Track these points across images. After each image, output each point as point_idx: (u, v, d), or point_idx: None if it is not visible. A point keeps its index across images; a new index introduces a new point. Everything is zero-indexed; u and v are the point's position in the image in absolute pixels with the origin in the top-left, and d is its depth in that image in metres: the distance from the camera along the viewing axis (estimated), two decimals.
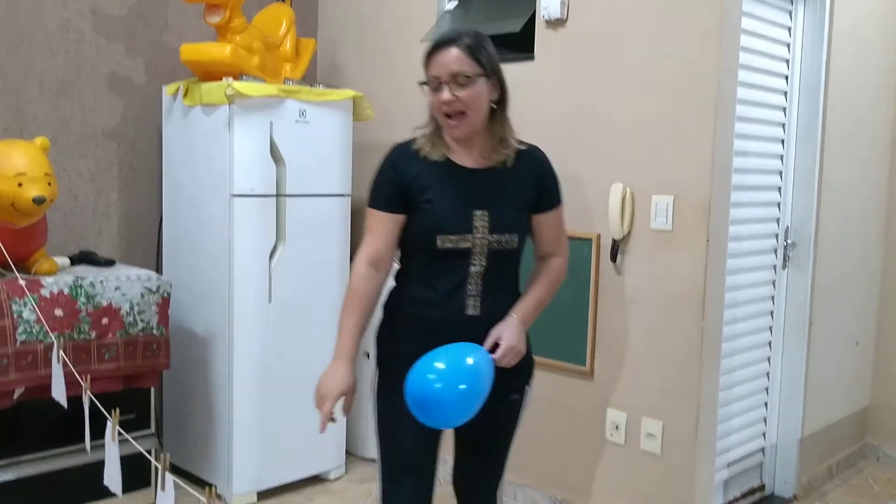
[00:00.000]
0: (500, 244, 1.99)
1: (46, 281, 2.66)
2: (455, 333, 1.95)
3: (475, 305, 1.99)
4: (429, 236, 1.96)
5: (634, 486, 2.96)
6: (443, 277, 1.99)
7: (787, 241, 3.35)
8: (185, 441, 3.40)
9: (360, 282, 1.97)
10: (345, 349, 1.92)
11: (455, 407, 1.85)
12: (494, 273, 2.00)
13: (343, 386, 1.88)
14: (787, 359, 3.39)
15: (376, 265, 1.98)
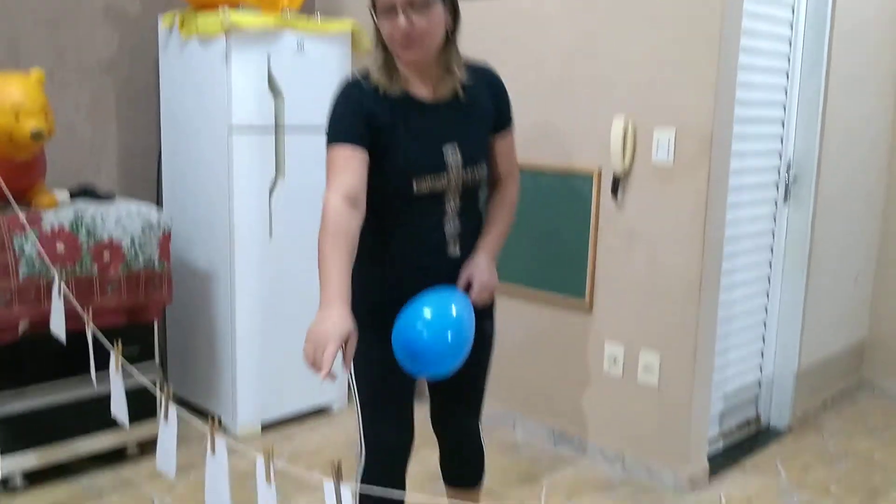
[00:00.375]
0: (471, 177, 1.93)
1: (47, 215, 2.66)
2: (437, 276, 1.92)
3: (455, 245, 1.96)
4: (403, 181, 1.86)
5: (631, 417, 3.00)
6: (420, 221, 1.91)
7: (789, 175, 3.33)
8: (189, 374, 3.44)
9: (339, 218, 1.74)
10: (336, 292, 1.67)
11: (446, 357, 1.83)
12: (468, 208, 1.97)
13: (344, 330, 1.62)
14: (785, 293, 3.41)
15: (354, 201, 1.76)
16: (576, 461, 3.13)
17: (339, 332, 1.60)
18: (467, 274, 1.98)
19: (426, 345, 1.79)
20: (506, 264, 3.29)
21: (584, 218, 3.02)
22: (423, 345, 1.79)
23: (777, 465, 3.16)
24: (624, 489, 2.92)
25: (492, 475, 3.00)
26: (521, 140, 3.17)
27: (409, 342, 1.80)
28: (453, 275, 1.96)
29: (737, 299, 3.20)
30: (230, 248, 3.14)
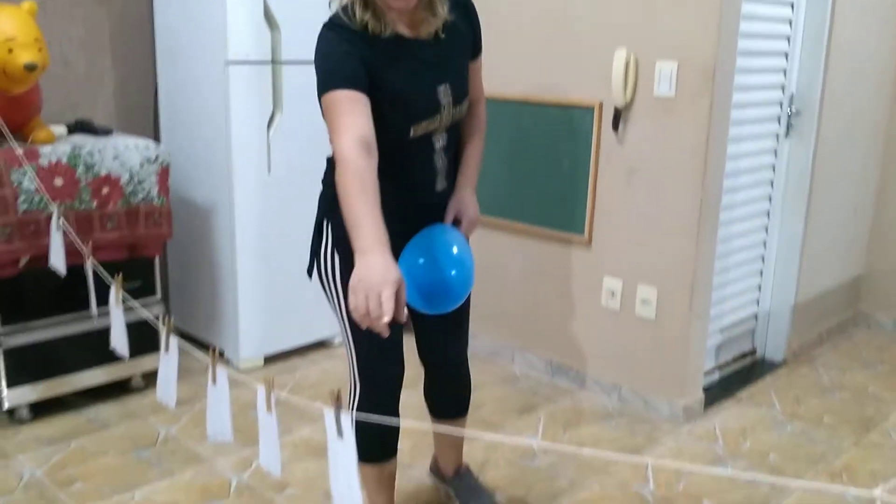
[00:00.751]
0: (459, 113, 1.92)
1: (44, 150, 2.64)
2: (427, 209, 1.95)
3: (443, 178, 1.96)
4: (399, 128, 1.81)
5: (628, 350, 3.04)
6: (411, 161, 1.88)
7: (791, 108, 3.31)
8: (192, 309, 3.47)
9: (361, 163, 1.62)
10: (374, 238, 1.55)
11: (458, 294, 1.88)
12: (452, 141, 1.97)
13: (394, 275, 1.50)
14: (784, 227, 3.41)
15: (368, 147, 1.65)
16: (573, 393, 3.18)
17: (390, 278, 1.49)
18: (454, 209, 2.00)
19: (441, 285, 1.82)
20: (506, 202, 3.30)
21: (585, 152, 3.01)
22: (438, 285, 1.82)
23: (772, 396, 3.22)
24: (620, 420, 2.98)
25: (490, 406, 3.06)
26: (523, 73, 3.15)
27: (422, 284, 1.80)
28: (440, 207, 1.98)
29: (735, 234, 3.21)
30: (229, 183, 3.13)
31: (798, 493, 2.51)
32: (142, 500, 2.37)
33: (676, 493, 2.50)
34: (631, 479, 2.57)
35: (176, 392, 1.74)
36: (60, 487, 2.42)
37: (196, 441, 2.71)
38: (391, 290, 1.48)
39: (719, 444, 2.82)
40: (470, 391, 2.32)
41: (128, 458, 2.60)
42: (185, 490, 2.43)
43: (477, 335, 3.54)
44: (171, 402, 1.75)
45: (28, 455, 2.60)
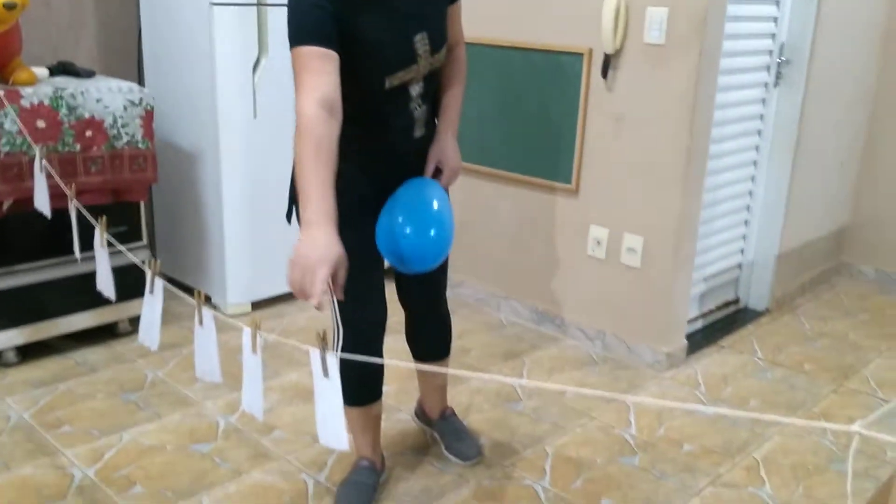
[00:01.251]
0: (437, 62, 1.87)
1: (25, 91, 2.60)
2: (404, 157, 1.94)
3: (421, 126, 1.94)
4: (374, 79, 1.77)
5: (613, 298, 3.07)
6: (388, 110, 1.86)
7: (781, 57, 3.29)
8: (179, 255, 3.47)
9: (318, 126, 1.58)
10: (321, 211, 1.53)
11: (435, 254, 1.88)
12: (430, 89, 1.93)
13: (334, 254, 1.49)
14: (771, 177, 3.42)
15: (330, 108, 1.61)
16: (557, 340, 3.21)
17: (328, 257, 1.48)
18: (435, 157, 1.98)
19: (415, 246, 1.83)
20: (493, 150, 3.29)
21: (573, 100, 2.99)
22: (412, 246, 1.82)
23: (753, 344, 3.26)
24: (603, 366, 3.01)
25: (476, 353, 3.09)
26: (512, 19, 3.11)
27: (398, 245, 1.82)
28: (419, 154, 1.97)
29: (722, 183, 3.21)
30: (215, 128, 3.10)
31: (777, 438, 2.56)
32: (129, 442, 2.39)
33: (658, 436, 2.55)
34: (613, 423, 2.61)
35: (159, 335, 1.75)
36: (48, 430, 2.44)
37: (184, 385, 2.73)
38: (326, 270, 1.46)
39: (701, 389, 2.87)
40: (450, 333, 2.35)
41: (115, 402, 2.62)
42: (173, 432, 2.46)
43: (463, 283, 3.56)
44: (154, 344, 1.75)
45: (15, 398, 2.61)
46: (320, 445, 2.38)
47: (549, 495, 2.23)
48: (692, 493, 2.27)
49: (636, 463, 2.40)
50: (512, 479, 2.30)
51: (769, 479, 2.35)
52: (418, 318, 2.27)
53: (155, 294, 1.68)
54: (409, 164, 1.96)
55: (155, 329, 1.72)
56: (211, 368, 1.57)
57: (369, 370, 1.95)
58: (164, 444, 2.39)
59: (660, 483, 2.31)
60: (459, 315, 3.41)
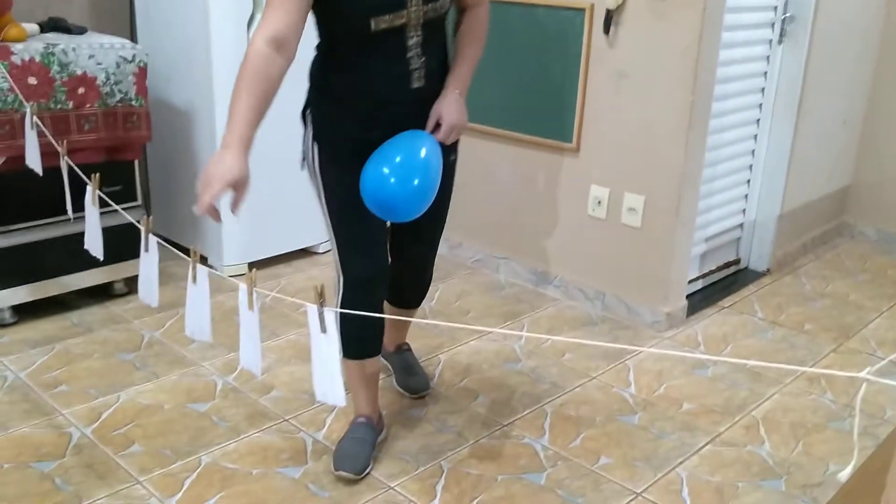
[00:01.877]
0: (434, 11, 1.84)
1: (16, 48, 2.55)
2: (401, 108, 1.91)
3: (419, 77, 1.90)
4: (361, 20, 1.77)
5: (613, 258, 3.04)
6: (381, 56, 1.84)
7: (786, 14, 3.23)
8: (174, 215, 3.43)
9: (259, 61, 1.66)
10: (237, 135, 1.63)
11: (413, 204, 1.85)
12: (431, 40, 1.89)
13: (234, 175, 1.60)
14: (773, 136, 3.38)
15: (278, 46, 1.67)
16: (557, 301, 3.20)
17: (227, 177, 1.59)
18: (436, 113, 1.94)
19: (393, 193, 1.80)
20: (492, 109, 3.24)
21: (574, 57, 2.94)
22: (391, 193, 1.80)
23: (754, 304, 3.25)
24: (603, 326, 3.00)
25: (475, 313, 3.08)
26: None
27: (377, 191, 1.80)
28: (419, 107, 1.93)
29: (724, 142, 3.17)
30: (209, 85, 3.05)
31: (777, 397, 2.56)
32: (127, 402, 2.38)
33: (657, 396, 2.54)
34: (612, 382, 2.61)
35: (157, 292, 1.73)
36: (45, 389, 2.43)
37: (181, 345, 2.72)
38: (218, 187, 1.58)
39: (701, 349, 2.86)
40: (427, 289, 2.36)
41: (112, 361, 2.61)
42: (171, 392, 2.45)
43: (462, 243, 3.53)
44: (153, 301, 1.74)
45: (12, 358, 2.60)
46: (318, 405, 2.39)
47: (547, 454, 2.23)
48: (691, 451, 2.27)
49: (635, 422, 2.40)
50: (510, 437, 2.30)
51: (768, 438, 2.35)
52: (404, 270, 2.24)
53: (150, 252, 1.66)
54: (407, 115, 1.92)
55: (153, 286, 1.70)
56: (201, 327, 1.55)
57: (368, 323, 1.97)
58: (162, 404, 2.38)
59: (659, 441, 2.31)
60: (458, 276, 3.40)
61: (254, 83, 1.66)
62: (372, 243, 2.03)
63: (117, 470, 2.08)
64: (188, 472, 2.08)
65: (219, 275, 1.73)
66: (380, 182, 1.80)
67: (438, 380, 2.58)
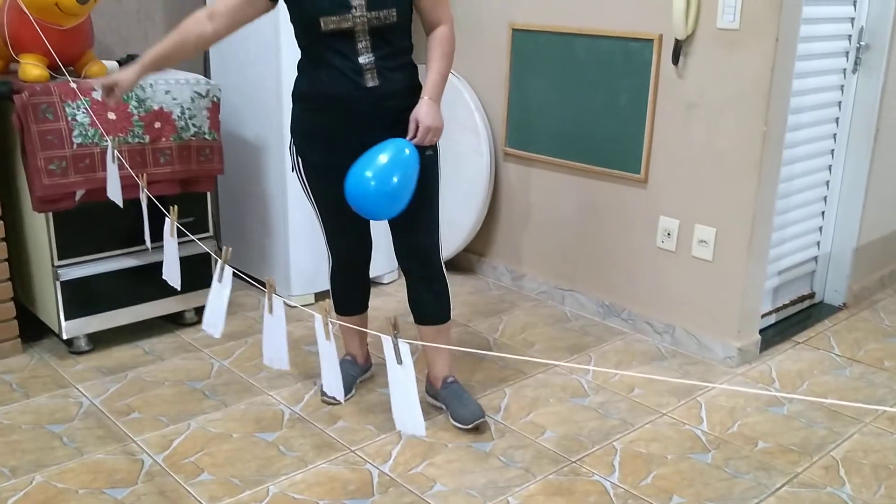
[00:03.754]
0: (379, 20, 2.11)
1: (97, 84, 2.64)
2: (360, 105, 2.17)
3: (373, 77, 2.16)
4: (311, 21, 2.10)
5: (683, 291, 2.99)
6: (336, 57, 2.14)
7: (861, 42, 3.16)
8: (243, 245, 3.49)
9: (190, 21, 2.15)
10: (143, 62, 2.18)
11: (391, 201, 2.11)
12: (383, 47, 2.16)
13: (113, 77, 2.17)
14: (849, 167, 3.29)
15: (210, 16, 2.15)
16: (624, 334, 3.15)
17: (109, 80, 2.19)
18: (413, 119, 2.19)
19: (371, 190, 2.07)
20: (559, 140, 3.23)
21: (643, 87, 2.92)
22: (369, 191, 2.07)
23: (830, 340, 3.14)
24: (673, 360, 2.94)
25: (540, 346, 3.05)
26: (579, 5, 3.05)
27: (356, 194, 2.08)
28: (376, 105, 2.19)
29: (797, 173, 3.10)
30: (279, 119, 3.11)
31: (857, 437, 2.46)
32: (197, 430, 2.41)
33: (731, 433, 2.47)
34: (684, 419, 2.54)
35: (223, 323, 1.75)
36: (118, 416, 2.47)
37: (249, 374, 2.75)
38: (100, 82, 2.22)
39: (775, 386, 2.77)
40: (448, 298, 2.47)
41: (183, 389, 2.65)
42: (239, 421, 2.47)
43: (526, 275, 3.51)
44: (217, 332, 1.76)
45: (86, 385, 2.66)
46: (385, 436, 2.38)
47: (618, 491, 2.17)
48: (768, 492, 2.19)
49: (708, 460, 2.33)
50: (580, 474, 2.25)
51: (849, 479, 2.25)
52: (413, 280, 2.46)
53: (223, 283, 1.68)
54: (365, 113, 2.19)
55: (220, 317, 1.73)
56: (279, 356, 1.56)
57: (351, 288, 2.59)
58: (231, 433, 2.40)
59: (733, 481, 2.23)
60: (522, 308, 3.37)
61: (179, 33, 2.17)
62: (352, 230, 2.41)
63: (188, 498, 2.10)
64: (256, 502, 2.09)
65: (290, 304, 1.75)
66: (359, 186, 2.07)
67: (504, 413, 2.55)
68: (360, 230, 2.44)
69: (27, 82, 2.56)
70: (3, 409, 2.51)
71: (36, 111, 2.51)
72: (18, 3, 2.54)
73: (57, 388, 2.64)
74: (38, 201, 2.60)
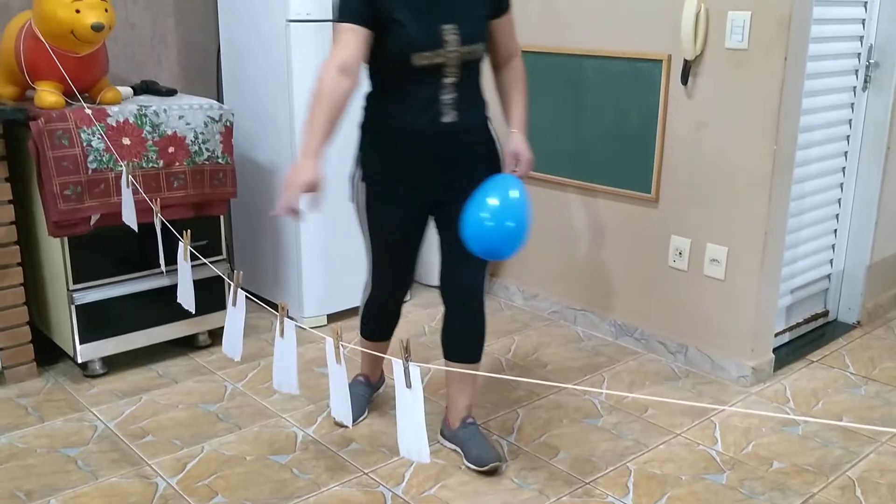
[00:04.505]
0: (470, 55, 2.09)
1: (112, 110, 2.68)
2: (435, 140, 2.14)
3: (451, 113, 2.12)
4: (403, 55, 2.03)
5: (696, 310, 2.98)
6: (419, 91, 2.09)
7: (870, 60, 3.16)
8: (256, 268, 3.51)
9: (330, 84, 1.97)
10: (312, 147, 1.94)
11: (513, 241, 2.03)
12: (465, 82, 2.13)
13: (309, 179, 1.90)
14: (860, 184, 3.29)
15: (345, 71, 1.98)
16: (637, 353, 3.14)
17: (303, 181, 1.88)
18: (512, 153, 2.21)
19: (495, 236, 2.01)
20: (569, 160, 3.24)
21: (652, 107, 2.93)
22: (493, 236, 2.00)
23: (845, 358, 3.12)
24: (686, 380, 2.93)
25: (552, 366, 3.04)
26: (588, 26, 3.07)
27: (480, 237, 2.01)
28: (450, 139, 2.15)
29: (809, 191, 3.10)
30: (291, 143, 3.14)
31: (873, 456, 2.44)
32: (210, 453, 2.42)
33: (745, 454, 2.45)
34: (698, 439, 2.53)
35: (241, 346, 1.77)
36: (132, 440, 2.48)
37: (262, 396, 2.76)
38: (296, 191, 1.88)
39: (790, 405, 2.75)
40: (484, 335, 2.39)
41: (196, 412, 2.66)
42: (253, 443, 2.47)
43: (538, 295, 3.51)
44: (237, 355, 1.77)
45: (102, 408, 2.67)
46: (398, 458, 2.38)
47: None
48: None
49: (723, 481, 2.32)
50: (593, 496, 2.24)
51: (865, 500, 2.23)
52: (454, 315, 2.36)
53: (238, 306, 1.70)
54: (439, 147, 2.15)
55: (238, 341, 1.74)
56: (289, 380, 1.57)
57: (383, 318, 2.55)
58: (244, 455, 2.41)
59: (749, 502, 2.22)
60: (534, 328, 3.37)
61: (326, 103, 1.95)
62: (402, 267, 2.38)
63: None
64: None
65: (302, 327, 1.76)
66: (481, 227, 2.00)
67: (517, 435, 2.55)
68: (408, 268, 2.41)
69: (43, 109, 2.59)
70: (19, 432, 2.52)
71: (52, 137, 2.55)
72: (35, 32, 2.58)
73: (72, 412, 2.65)
74: (53, 226, 2.63)
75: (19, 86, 2.76)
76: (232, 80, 3.42)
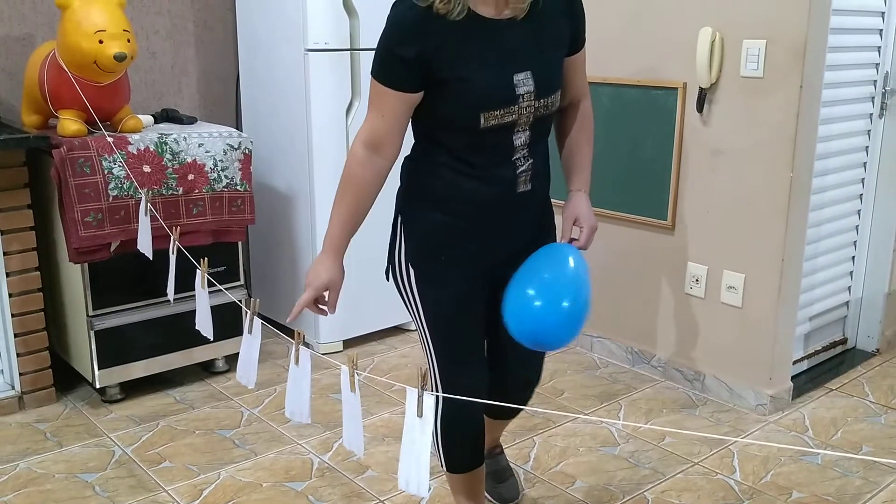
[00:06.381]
0: (546, 108, 1.71)
1: (133, 138, 2.72)
2: (507, 213, 1.77)
3: (526, 181, 1.76)
4: (468, 116, 1.64)
5: (713, 337, 2.96)
6: (485, 158, 1.70)
7: (886, 87, 3.16)
8: (273, 294, 3.53)
9: (356, 167, 1.70)
10: (333, 242, 1.73)
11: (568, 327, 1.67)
12: (538, 140, 1.76)
13: (326, 280, 1.72)
14: (878, 211, 3.27)
15: (376, 147, 1.68)
16: (654, 381, 3.12)
17: (320, 282, 1.73)
18: (571, 217, 1.85)
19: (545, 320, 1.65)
20: None
21: (668, 135, 2.94)
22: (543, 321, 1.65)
23: (864, 387, 3.09)
24: (704, 408, 2.90)
25: (569, 394, 3.03)
26: (603, 54, 3.09)
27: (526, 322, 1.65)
28: (522, 211, 1.81)
29: (826, 218, 3.08)
30: (309, 170, 3.17)
31: (893, 486, 2.41)
32: (227, 479, 2.42)
33: (764, 483, 2.43)
34: (716, 468, 2.51)
35: (256, 373, 1.77)
36: (149, 465, 2.49)
37: (278, 423, 2.76)
38: (312, 293, 1.73)
39: (809, 434, 2.73)
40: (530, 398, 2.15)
41: (213, 438, 2.67)
42: (269, 470, 2.48)
43: None
44: (251, 383, 1.77)
45: (119, 434, 2.69)
46: None
47: None
48: None
49: None
50: None
51: None
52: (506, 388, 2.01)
53: (253, 334, 1.70)
54: (510, 222, 1.80)
55: (253, 368, 1.74)
56: (301, 409, 1.56)
57: (471, 436, 1.96)
58: (261, 482, 2.41)
59: None
60: (550, 356, 3.35)
61: (351, 189, 1.73)
62: (474, 356, 1.89)
63: None
64: None
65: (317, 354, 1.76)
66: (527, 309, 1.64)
67: (534, 463, 2.54)
68: (482, 353, 1.93)
69: (65, 137, 2.63)
70: (37, 458, 2.54)
71: (73, 165, 2.59)
72: (58, 62, 2.63)
73: (90, 437, 2.67)
74: (74, 252, 2.66)
75: (42, 114, 2.81)
76: (251, 109, 3.46)
